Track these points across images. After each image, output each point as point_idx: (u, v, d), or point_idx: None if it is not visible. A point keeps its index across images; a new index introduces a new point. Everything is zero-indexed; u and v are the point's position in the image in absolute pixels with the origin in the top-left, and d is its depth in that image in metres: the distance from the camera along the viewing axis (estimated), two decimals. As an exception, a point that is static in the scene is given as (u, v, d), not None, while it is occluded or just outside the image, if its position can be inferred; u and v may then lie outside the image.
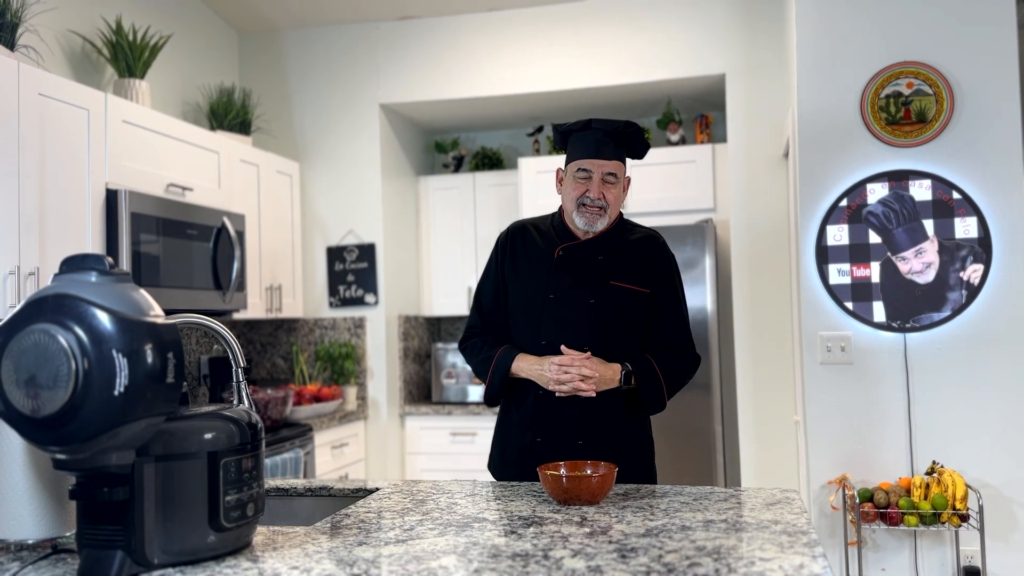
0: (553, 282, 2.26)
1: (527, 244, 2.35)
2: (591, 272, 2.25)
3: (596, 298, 2.22)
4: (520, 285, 2.32)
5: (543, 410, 2.23)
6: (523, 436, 2.26)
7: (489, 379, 2.29)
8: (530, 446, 2.24)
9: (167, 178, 3.57)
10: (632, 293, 2.24)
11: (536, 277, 2.29)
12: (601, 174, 2.21)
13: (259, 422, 1.51)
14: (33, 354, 1.25)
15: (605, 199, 2.21)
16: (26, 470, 1.48)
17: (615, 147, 2.23)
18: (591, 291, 2.23)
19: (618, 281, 2.24)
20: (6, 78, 2.79)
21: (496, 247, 2.41)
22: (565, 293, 2.24)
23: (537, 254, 2.32)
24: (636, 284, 2.25)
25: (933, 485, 3.09)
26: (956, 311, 3.22)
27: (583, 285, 2.24)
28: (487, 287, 2.41)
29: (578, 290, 2.24)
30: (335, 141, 4.81)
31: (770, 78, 4.28)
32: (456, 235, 5.17)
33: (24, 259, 2.83)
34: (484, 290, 2.41)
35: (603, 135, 2.22)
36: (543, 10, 4.58)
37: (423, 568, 1.34)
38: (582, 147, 2.24)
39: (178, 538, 1.37)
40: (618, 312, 2.24)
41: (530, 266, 2.31)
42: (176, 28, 4.34)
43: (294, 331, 4.81)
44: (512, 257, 2.35)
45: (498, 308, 2.37)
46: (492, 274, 2.39)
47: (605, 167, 2.21)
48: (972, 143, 3.25)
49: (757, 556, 1.38)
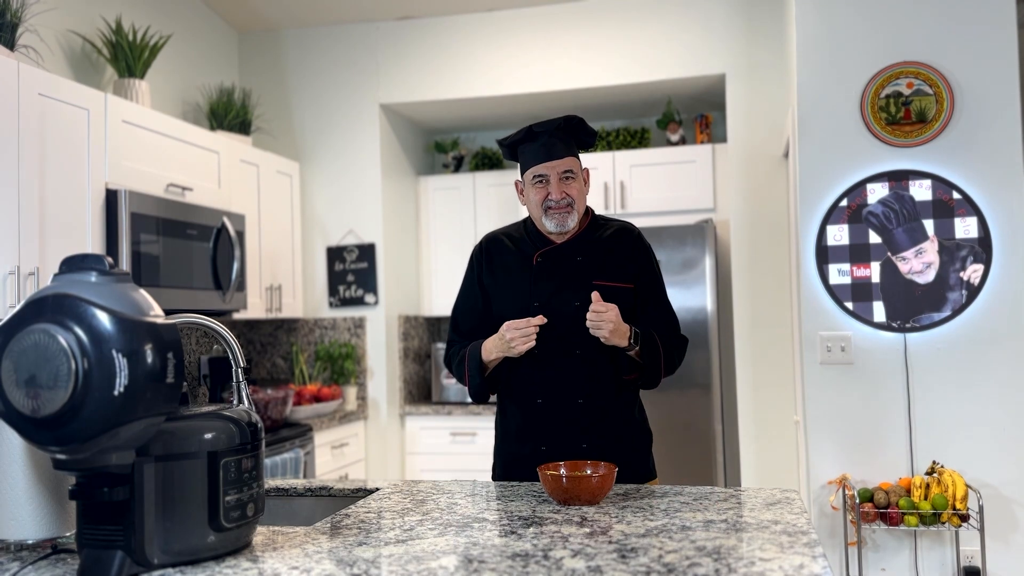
0: (535, 289, 2.23)
1: (503, 254, 2.32)
2: (572, 274, 2.23)
3: (580, 299, 2.19)
4: (502, 295, 2.28)
5: (542, 418, 2.21)
6: (524, 447, 2.23)
7: (467, 374, 2.27)
8: (532, 456, 2.21)
9: (167, 178, 3.57)
10: (616, 290, 2.21)
11: (517, 286, 2.26)
12: (557, 174, 2.19)
13: (259, 422, 1.51)
14: (33, 354, 1.25)
15: (568, 195, 2.19)
16: (26, 470, 1.48)
17: (563, 144, 2.21)
18: (575, 293, 2.21)
19: (600, 280, 2.22)
20: (6, 78, 2.79)
21: (471, 261, 2.37)
22: (549, 299, 2.21)
23: (515, 263, 2.29)
24: (618, 280, 2.23)
25: (933, 485, 3.09)
26: (956, 311, 3.22)
27: (566, 288, 2.22)
28: (464, 305, 2.36)
29: (561, 294, 2.21)
30: (335, 141, 4.80)
31: (770, 78, 4.28)
32: (456, 235, 5.17)
33: (24, 259, 2.83)
34: (461, 309, 2.37)
35: (547, 136, 2.20)
36: (543, 10, 4.58)
37: (423, 568, 1.34)
38: (531, 154, 2.22)
39: (178, 538, 1.37)
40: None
41: (509, 276, 2.28)
42: (176, 28, 4.34)
43: (294, 331, 4.81)
44: (490, 268, 2.32)
45: (478, 324, 2.33)
46: (469, 289, 2.35)
47: (559, 166, 2.19)
48: (972, 143, 3.25)
49: (757, 556, 1.38)
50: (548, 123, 2.21)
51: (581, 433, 2.19)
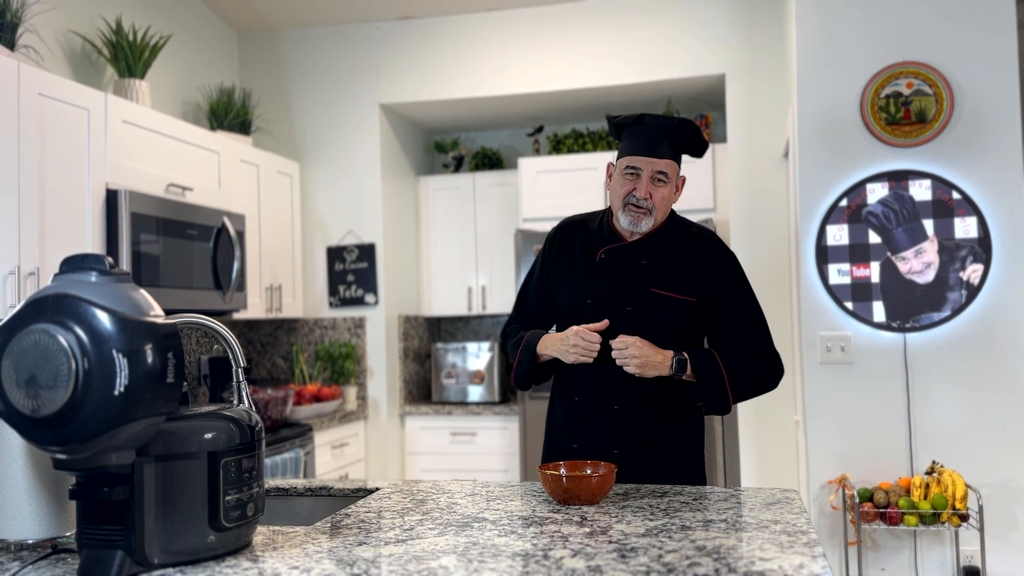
0: (593, 286, 2.15)
1: (574, 243, 2.23)
2: (631, 278, 2.12)
3: (633, 306, 2.10)
4: (563, 288, 2.21)
5: (575, 415, 2.16)
6: (561, 441, 2.20)
7: (517, 359, 2.20)
8: (565, 453, 2.17)
9: (167, 178, 3.57)
10: (673, 301, 2.10)
11: (577, 281, 2.18)
12: (651, 172, 2.08)
13: (259, 422, 1.51)
14: (33, 354, 1.25)
15: (652, 199, 2.08)
16: (26, 470, 1.48)
17: (669, 145, 2.09)
18: (628, 299, 2.11)
19: (659, 288, 2.11)
20: (6, 78, 2.79)
21: (545, 244, 2.29)
22: (603, 300, 2.13)
23: (582, 254, 2.20)
24: (678, 292, 2.11)
25: (933, 485, 3.09)
26: (956, 311, 3.23)
27: (622, 292, 2.12)
28: (531, 286, 2.31)
29: (616, 297, 2.12)
30: (335, 141, 4.81)
31: (770, 78, 4.28)
32: (456, 235, 5.17)
33: (24, 259, 2.83)
34: (528, 288, 2.32)
35: (656, 132, 2.08)
36: (543, 10, 4.58)
37: (423, 568, 1.34)
38: (633, 143, 2.09)
39: (178, 538, 1.37)
40: (657, 322, 2.10)
41: (573, 267, 2.20)
42: (176, 28, 4.34)
43: (294, 331, 4.81)
44: (558, 255, 2.24)
45: (540, 305, 2.28)
46: (537, 273, 2.30)
47: (656, 165, 2.07)
48: (972, 143, 3.25)
49: (757, 556, 1.38)
50: (662, 118, 2.09)
51: (615, 438, 2.12)
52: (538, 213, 4.65)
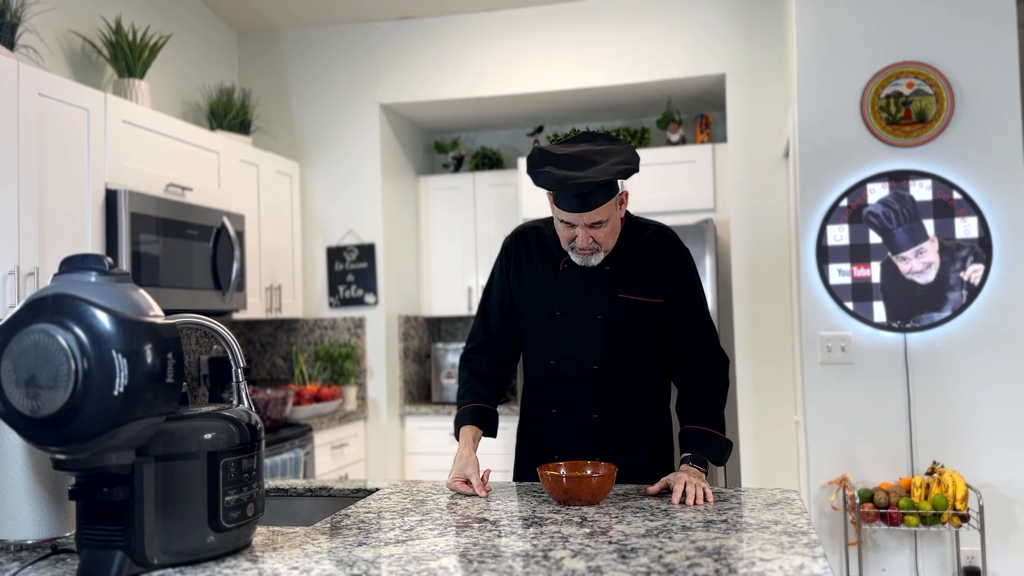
0: (559, 297, 2.13)
1: (533, 252, 2.20)
2: (598, 285, 2.11)
3: (604, 313, 2.09)
4: (526, 298, 2.18)
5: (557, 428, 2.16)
6: (538, 454, 2.20)
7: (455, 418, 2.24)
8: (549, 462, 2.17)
9: (167, 178, 3.56)
10: (642, 305, 2.10)
11: (541, 291, 2.15)
12: (586, 223, 1.99)
13: (259, 422, 1.51)
14: (33, 354, 1.24)
15: (595, 241, 2.02)
16: (26, 470, 1.48)
17: (598, 194, 1.95)
18: (598, 306, 2.10)
19: (626, 293, 2.10)
20: (6, 78, 2.78)
21: (501, 253, 2.25)
22: (571, 309, 2.11)
23: (542, 263, 2.17)
24: (646, 295, 2.10)
25: (933, 485, 3.09)
26: (956, 311, 3.22)
27: (590, 300, 2.11)
28: (492, 297, 2.26)
29: (585, 306, 2.11)
30: (335, 141, 4.80)
31: (770, 78, 4.28)
32: (456, 235, 5.17)
33: (24, 259, 2.83)
34: (490, 301, 2.26)
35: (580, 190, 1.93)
36: (543, 10, 4.58)
37: (423, 568, 1.34)
38: (559, 199, 1.98)
39: (178, 538, 1.36)
40: (628, 327, 2.10)
41: (535, 278, 2.17)
42: (176, 28, 4.34)
43: (294, 331, 4.81)
44: (517, 266, 2.21)
45: (503, 320, 2.24)
46: (497, 283, 2.25)
47: (589, 218, 1.97)
48: (972, 143, 3.25)
49: (757, 556, 1.38)
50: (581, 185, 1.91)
51: (594, 446, 2.13)
52: (538, 213, 4.65)
